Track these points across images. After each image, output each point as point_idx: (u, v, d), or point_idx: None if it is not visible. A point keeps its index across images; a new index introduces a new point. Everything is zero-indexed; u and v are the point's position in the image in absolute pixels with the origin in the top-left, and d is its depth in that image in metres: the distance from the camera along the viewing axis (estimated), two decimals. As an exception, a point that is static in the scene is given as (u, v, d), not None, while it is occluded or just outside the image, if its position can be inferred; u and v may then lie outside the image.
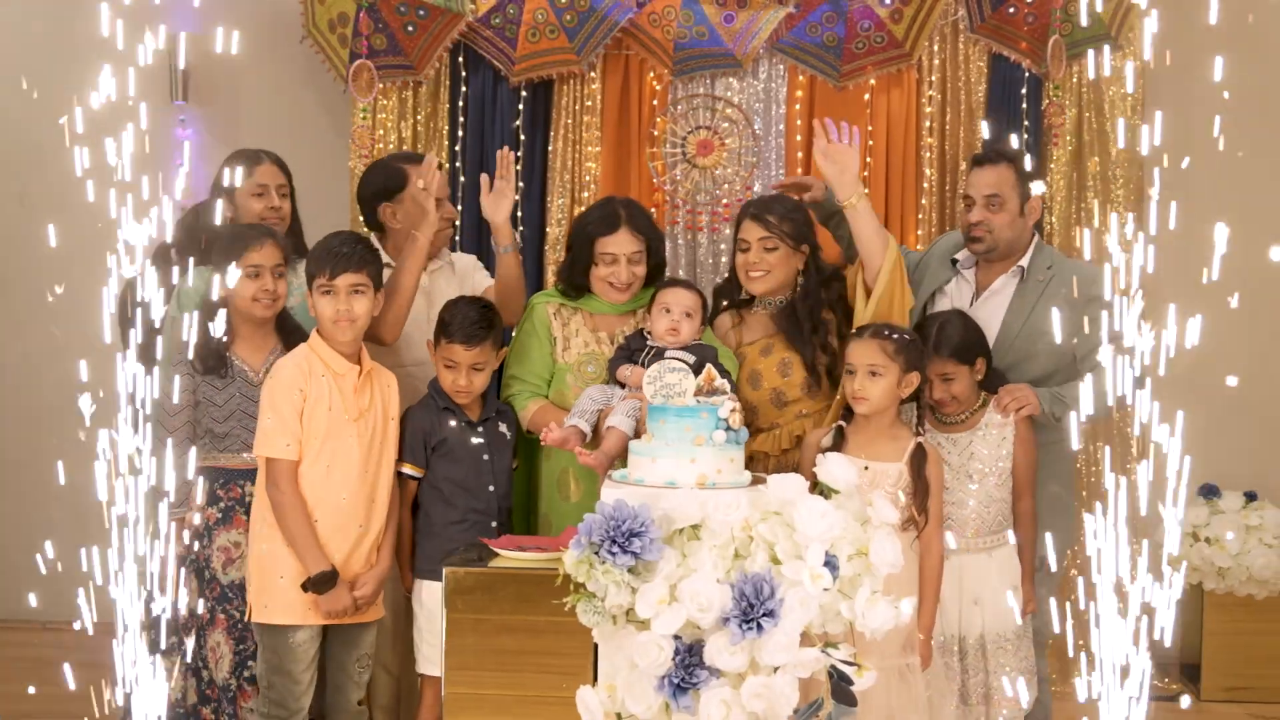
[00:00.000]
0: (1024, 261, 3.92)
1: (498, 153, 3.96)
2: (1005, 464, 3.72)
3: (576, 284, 3.85)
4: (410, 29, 4.89)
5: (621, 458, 3.51)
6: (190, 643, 3.51)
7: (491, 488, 3.68)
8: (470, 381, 3.64)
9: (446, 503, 3.63)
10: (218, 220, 3.63)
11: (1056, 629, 2.72)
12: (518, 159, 4.97)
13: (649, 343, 3.68)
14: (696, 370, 3.08)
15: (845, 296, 3.84)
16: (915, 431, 3.62)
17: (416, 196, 3.82)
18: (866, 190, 3.81)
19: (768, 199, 3.96)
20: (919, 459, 3.53)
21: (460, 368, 3.63)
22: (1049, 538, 3.09)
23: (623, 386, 3.64)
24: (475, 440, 3.67)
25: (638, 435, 3.50)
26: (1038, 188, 4.03)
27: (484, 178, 3.92)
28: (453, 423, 3.65)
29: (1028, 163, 4.13)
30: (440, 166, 3.98)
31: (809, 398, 3.77)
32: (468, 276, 4.14)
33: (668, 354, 3.56)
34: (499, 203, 3.89)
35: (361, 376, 3.53)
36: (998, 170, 3.92)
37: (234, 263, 3.50)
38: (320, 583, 3.40)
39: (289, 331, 3.71)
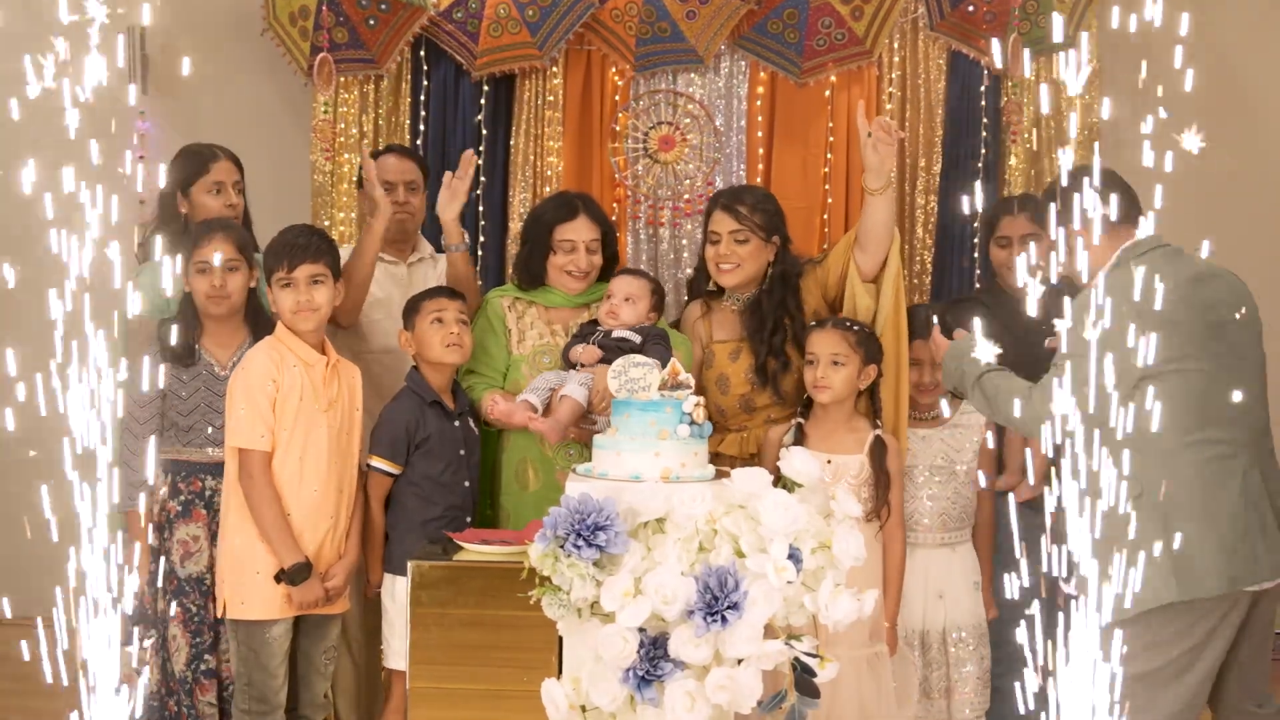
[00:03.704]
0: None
1: (463, 154, 4.02)
2: (970, 464, 3.75)
3: (533, 273, 3.87)
4: (372, 23, 4.87)
5: (574, 425, 3.57)
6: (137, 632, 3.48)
7: (467, 483, 3.69)
8: (461, 334, 3.66)
9: (426, 500, 3.62)
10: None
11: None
12: (479, 153, 4.98)
13: (598, 327, 3.74)
14: (648, 347, 3.16)
15: (802, 304, 3.81)
16: (874, 424, 3.65)
17: (367, 189, 3.90)
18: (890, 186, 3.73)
19: (739, 189, 3.94)
20: (879, 450, 3.57)
21: (449, 316, 3.65)
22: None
23: (576, 369, 3.67)
24: (455, 436, 3.68)
25: (590, 406, 3.56)
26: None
27: (447, 175, 4.00)
28: (436, 418, 3.65)
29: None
30: (374, 155, 4.16)
31: (776, 406, 3.77)
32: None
33: (614, 334, 3.65)
34: (450, 202, 3.97)
35: (329, 367, 3.53)
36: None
37: (192, 258, 3.56)
38: (295, 574, 3.39)
39: (258, 323, 3.68)
